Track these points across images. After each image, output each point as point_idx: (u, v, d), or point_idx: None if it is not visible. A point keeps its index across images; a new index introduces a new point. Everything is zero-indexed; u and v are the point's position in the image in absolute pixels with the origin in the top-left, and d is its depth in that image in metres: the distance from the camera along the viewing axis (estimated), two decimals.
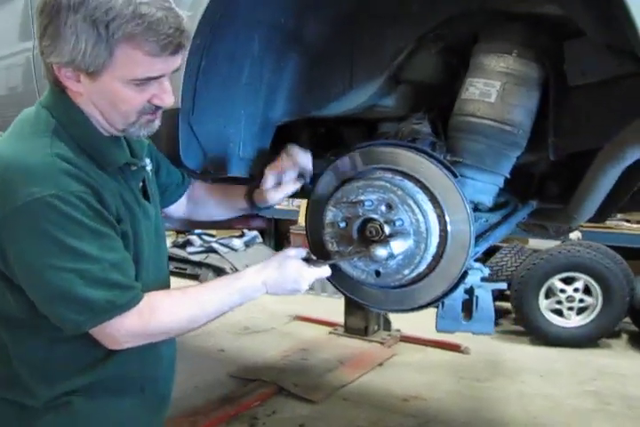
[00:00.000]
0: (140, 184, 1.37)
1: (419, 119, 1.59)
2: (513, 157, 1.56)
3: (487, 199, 1.57)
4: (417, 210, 1.32)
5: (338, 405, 3.67)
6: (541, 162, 1.77)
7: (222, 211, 1.69)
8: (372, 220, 1.38)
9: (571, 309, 4.82)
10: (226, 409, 3.48)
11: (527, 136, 1.54)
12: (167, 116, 1.34)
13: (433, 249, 1.35)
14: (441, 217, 1.35)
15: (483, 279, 1.47)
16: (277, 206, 2.19)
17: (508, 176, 1.58)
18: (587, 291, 4.79)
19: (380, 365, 4.33)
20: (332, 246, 1.45)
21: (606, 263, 4.72)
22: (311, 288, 1.41)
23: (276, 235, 7.84)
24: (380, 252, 1.31)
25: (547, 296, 4.85)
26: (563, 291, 4.81)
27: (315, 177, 1.58)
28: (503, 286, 1.50)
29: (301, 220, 6.58)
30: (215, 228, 6.22)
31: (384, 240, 1.33)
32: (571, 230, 3.07)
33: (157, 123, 1.26)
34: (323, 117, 1.81)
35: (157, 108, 1.22)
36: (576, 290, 4.79)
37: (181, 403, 3.37)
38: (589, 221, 1.77)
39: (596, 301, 4.75)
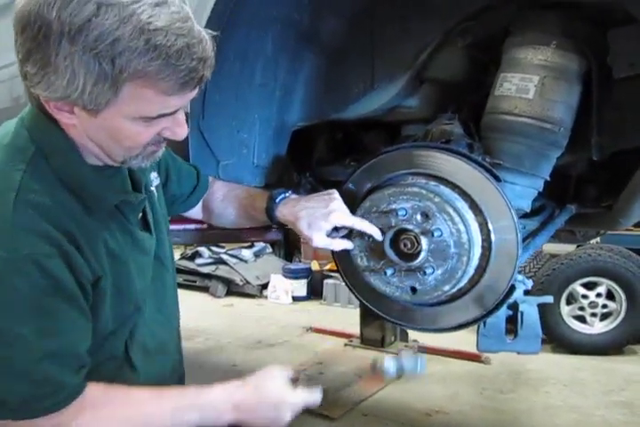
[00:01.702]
0: (140, 214, 1.18)
1: (449, 119, 1.47)
2: (553, 158, 1.45)
3: (526, 204, 1.46)
4: (457, 219, 1.19)
5: (358, 421, 3.51)
6: (579, 162, 1.65)
7: (243, 222, 1.49)
8: (405, 231, 1.25)
9: (594, 315, 4.65)
10: None
11: (568, 135, 1.43)
12: None
13: (475, 262, 1.22)
14: (483, 225, 1.22)
15: (526, 293, 1.34)
16: None
17: (548, 179, 1.46)
18: (610, 296, 4.63)
19: (399, 377, 4.18)
20: (361, 261, 1.31)
21: (629, 267, 4.55)
22: (324, 298, 1.28)
23: (287, 245, 7.71)
24: None
25: (568, 302, 4.68)
26: (585, 297, 4.64)
27: (336, 185, 1.46)
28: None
29: None
30: (224, 241, 6.10)
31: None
32: (599, 234, 2.94)
33: (161, 151, 1.07)
34: (342, 121, 1.70)
35: (166, 139, 1.03)
36: (599, 295, 4.62)
37: None
38: (635, 225, 1.65)
39: (619, 306, 4.59)
